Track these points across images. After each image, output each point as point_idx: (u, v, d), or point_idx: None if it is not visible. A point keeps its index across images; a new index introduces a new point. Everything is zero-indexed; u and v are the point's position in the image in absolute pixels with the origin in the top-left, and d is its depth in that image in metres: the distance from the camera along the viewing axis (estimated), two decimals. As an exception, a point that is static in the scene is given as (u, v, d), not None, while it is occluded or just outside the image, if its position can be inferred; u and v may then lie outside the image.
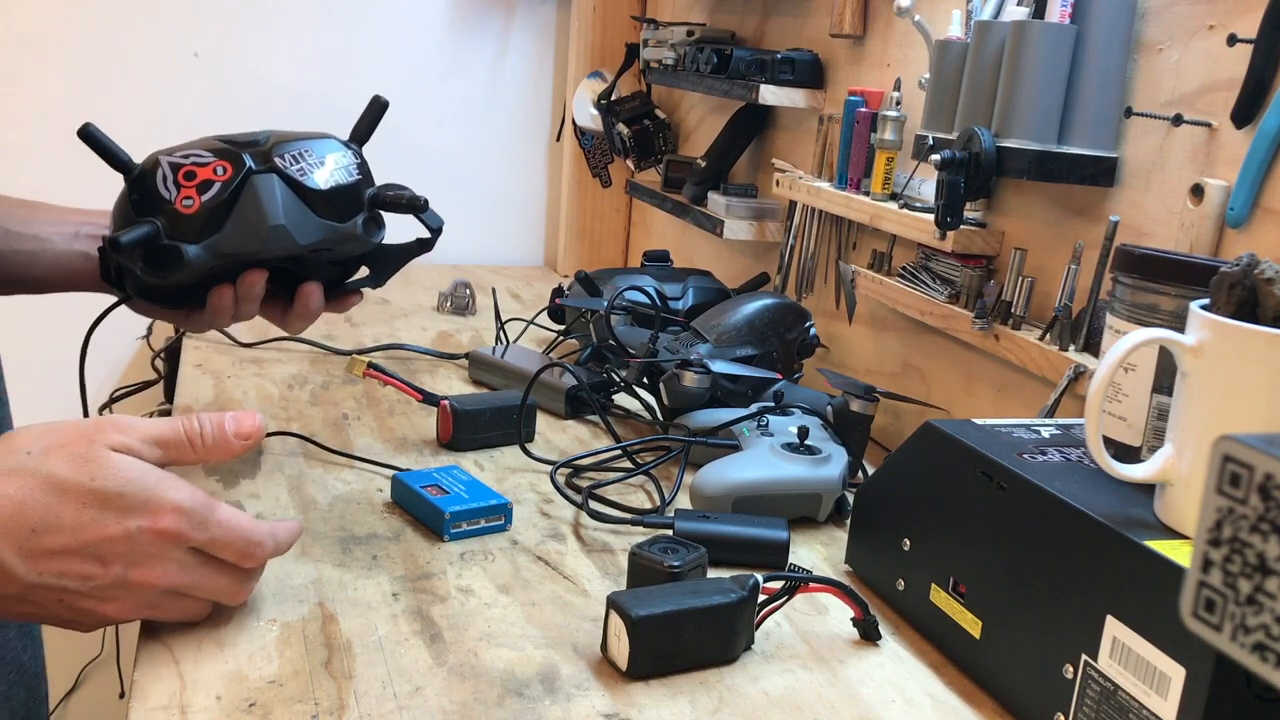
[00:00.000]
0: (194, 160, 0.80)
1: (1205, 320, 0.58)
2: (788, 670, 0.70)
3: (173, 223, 0.79)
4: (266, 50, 1.83)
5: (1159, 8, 0.88)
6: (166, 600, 0.65)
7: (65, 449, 0.60)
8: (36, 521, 0.58)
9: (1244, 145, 0.79)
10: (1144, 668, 0.56)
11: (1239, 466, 0.29)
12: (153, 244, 0.79)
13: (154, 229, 0.79)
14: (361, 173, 0.86)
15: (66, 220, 0.94)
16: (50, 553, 0.59)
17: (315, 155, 0.84)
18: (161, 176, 0.80)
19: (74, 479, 0.59)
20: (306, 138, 0.85)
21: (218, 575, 0.66)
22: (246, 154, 0.82)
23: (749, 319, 1.14)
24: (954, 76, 1.02)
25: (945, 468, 0.73)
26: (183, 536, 0.62)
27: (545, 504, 0.93)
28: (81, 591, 0.61)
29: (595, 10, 1.88)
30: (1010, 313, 0.98)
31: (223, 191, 0.80)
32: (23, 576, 0.59)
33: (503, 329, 1.34)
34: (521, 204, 2.04)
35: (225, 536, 0.64)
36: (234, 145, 0.83)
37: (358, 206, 0.86)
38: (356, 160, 0.87)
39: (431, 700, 0.64)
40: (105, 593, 0.61)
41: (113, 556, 0.60)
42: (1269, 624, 0.29)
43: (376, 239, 0.88)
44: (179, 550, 0.63)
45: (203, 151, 0.81)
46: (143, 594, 0.63)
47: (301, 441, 1.03)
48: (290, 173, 0.82)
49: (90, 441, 0.61)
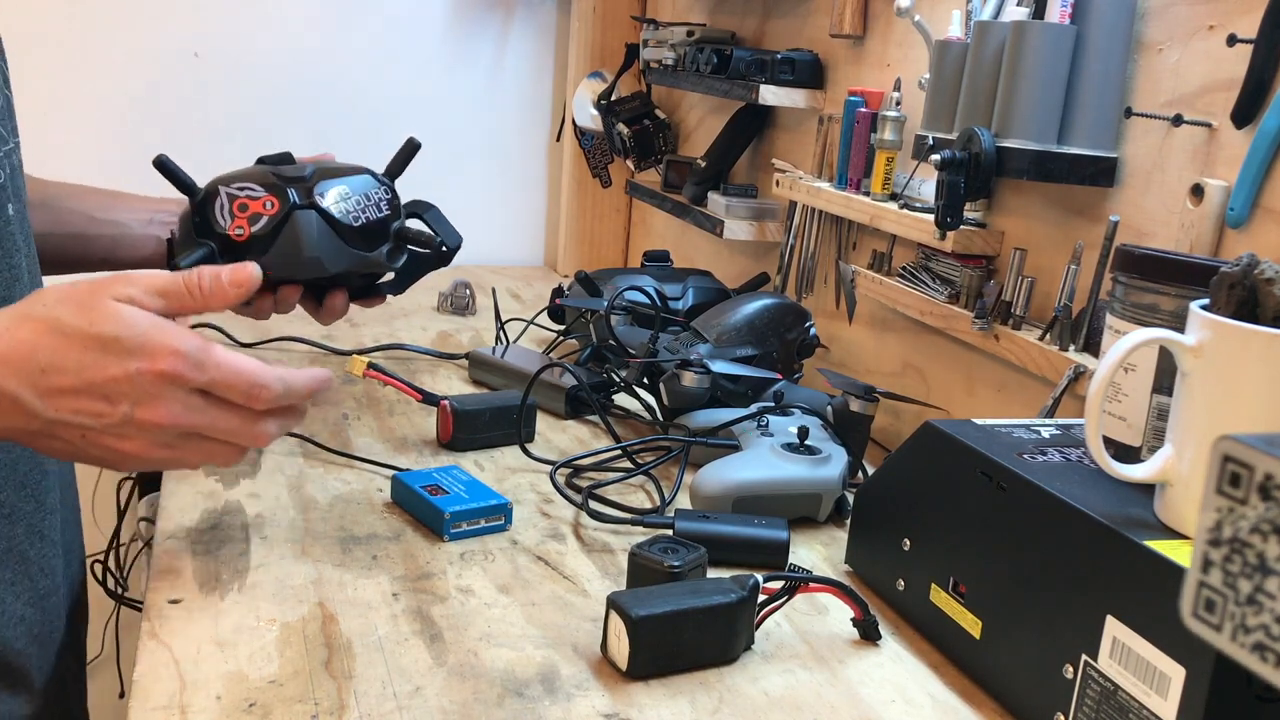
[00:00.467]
0: (247, 194, 0.94)
1: (1205, 320, 0.58)
2: (788, 670, 0.70)
3: (225, 247, 0.92)
4: (267, 50, 1.83)
5: (1159, 8, 0.88)
6: (184, 443, 0.68)
7: (74, 299, 0.66)
8: (45, 362, 0.64)
9: (1244, 145, 0.79)
10: (1144, 668, 0.56)
11: (1239, 466, 0.29)
12: (207, 264, 0.90)
13: (209, 251, 0.92)
14: (391, 207, 1.01)
15: (142, 208, 1.04)
16: (61, 390, 0.65)
17: (351, 192, 0.99)
18: (220, 205, 0.93)
19: (75, 324, 0.65)
20: (346, 174, 1.00)
21: (228, 416, 0.69)
22: (292, 189, 0.96)
23: (749, 319, 1.14)
24: (954, 77, 1.02)
25: (945, 468, 0.73)
26: (181, 377, 0.66)
27: (545, 504, 0.93)
28: (97, 428, 0.66)
29: (595, 10, 1.88)
30: (1010, 313, 0.98)
31: (269, 224, 0.93)
32: (41, 412, 0.65)
33: (503, 329, 1.34)
34: (521, 204, 2.04)
35: (226, 378, 0.68)
36: (282, 180, 0.97)
37: (385, 238, 1.00)
38: (388, 196, 1.01)
39: (431, 700, 0.64)
40: (119, 430, 0.66)
41: (118, 396, 0.65)
42: (1269, 624, 0.29)
43: (398, 264, 1.02)
44: (182, 391, 0.67)
45: (256, 186, 0.95)
46: (155, 433, 0.67)
47: (301, 441, 1.03)
48: (327, 209, 0.96)
49: (96, 293, 0.66)
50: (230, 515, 0.87)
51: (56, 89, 1.73)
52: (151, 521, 0.99)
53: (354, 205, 0.98)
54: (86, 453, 0.68)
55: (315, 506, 0.90)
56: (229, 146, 1.83)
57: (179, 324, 0.68)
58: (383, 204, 1.00)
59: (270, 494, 0.91)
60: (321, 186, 0.97)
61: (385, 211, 1.00)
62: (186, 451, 0.69)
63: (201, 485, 0.92)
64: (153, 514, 1.00)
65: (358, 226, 0.97)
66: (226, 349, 0.69)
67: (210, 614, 0.72)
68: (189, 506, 0.88)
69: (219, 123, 1.83)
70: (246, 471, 0.96)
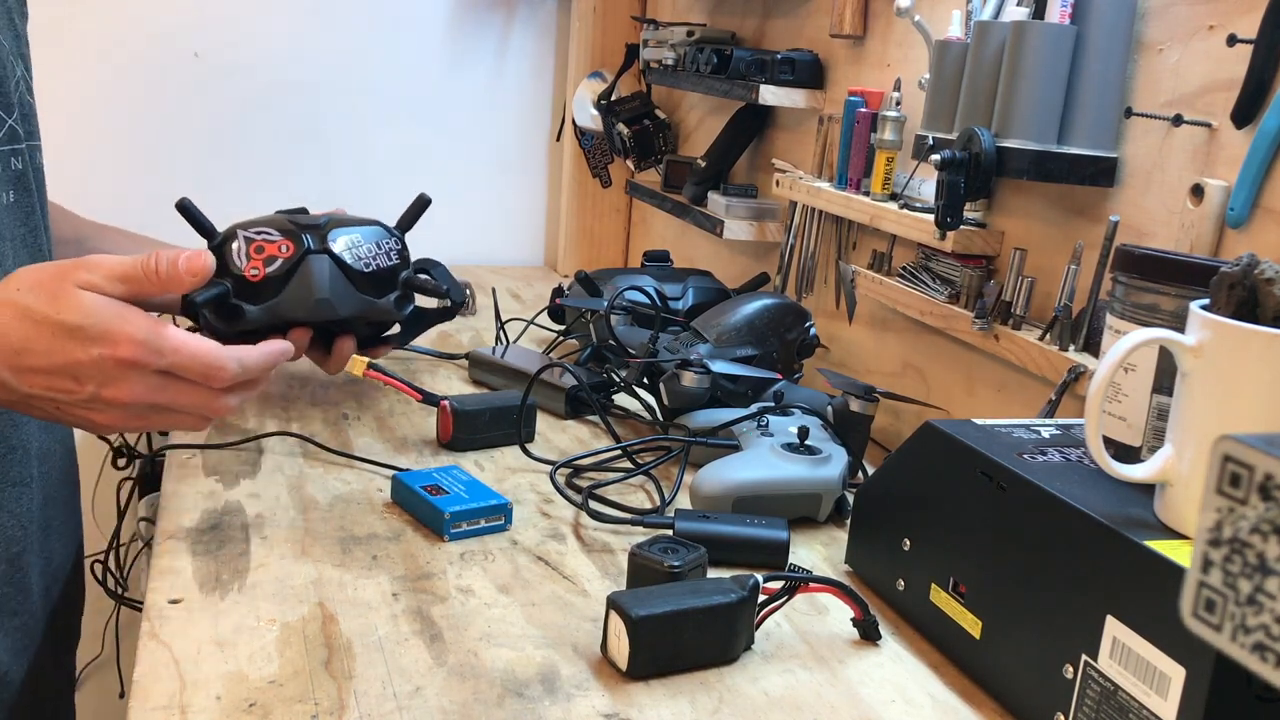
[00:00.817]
0: (264, 238, 0.99)
1: (1205, 320, 0.58)
2: (788, 670, 0.70)
3: (240, 287, 0.97)
4: (266, 50, 1.83)
5: (1159, 8, 0.88)
6: (152, 413, 0.75)
7: (42, 286, 0.71)
8: (18, 344, 0.70)
9: (1244, 145, 0.79)
10: (1144, 668, 0.56)
11: (1239, 466, 0.29)
12: (222, 302, 0.97)
13: (224, 290, 0.96)
14: (400, 257, 1.05)
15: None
16: (34, 370, 0.71)
17: (363, 240, 1.03)
18: (237, 248, 0.98)
19: (43, 311, 0.70)
20: (359, 224, 1.04)
21: (191, 393, 0.75)
22: (307, 235, 1.00)
23: (749, 319, 1.14)
24: (954, 77, 1.02)
25: (945, 468, 0.73)
26: (141, 363, 0.71)
27: (545, 504, 0.93)
28: (69, 403, 0.72)
29: (595, 10, 1.88)
30: (1010, 313, 0.98)
31: (283, 267, 0.98)
32: (16, 388, 0.71)
33: (503, 329, 1.34)
34: (521, 204, 2.04)
35: (183, 361, 0.73)
36: (298, 227, 1.01)
37: (393, 286, 1.04)
38: (397, 246, 1.05)
39: (431, 700, 0.64)
40: (89, 405, 0.72)
41: (85, 377, 0.71)
42: (1269, 624, 0.29)
43: (405, 312, 1.07)
44: (144, 374, 0.72)
45: (272, 231, 1.00)
46: (125, 408, 0.73)
47: (301, 441, 1.03)
48: (340, 255, 1.00)
49: (61, 279, 0.71)
50: (230, 515, 0.87)
51: (56, 89, 1.72)
52: (151, 521, 0.99)
53: (365, 252, 1.02)
54: (64, 419, 0.74)
55: (315, 506, 0.90)
56: (228, 146, 1.83)
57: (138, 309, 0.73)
58: (392, 253, 1.05)
59: (270, 494, 0.91)
60: (334, 234, 1.02)
61: (395, 260, 1.05)
62: (155, 420, 0.76)
63: (201, 485, 0.92)
64: (153, 514, 1.00)
65: (368, 273, 1.02)
66: (184, 333, 0.73)
67: (210, 614, 0.72)
68: (189, 506, 0.88)
69: (219, 122, 1.83)
70: (246, 471, 0.96)
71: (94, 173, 1.74)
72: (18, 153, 0.88)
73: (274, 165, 1.86)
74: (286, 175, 1.86)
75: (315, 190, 1.87)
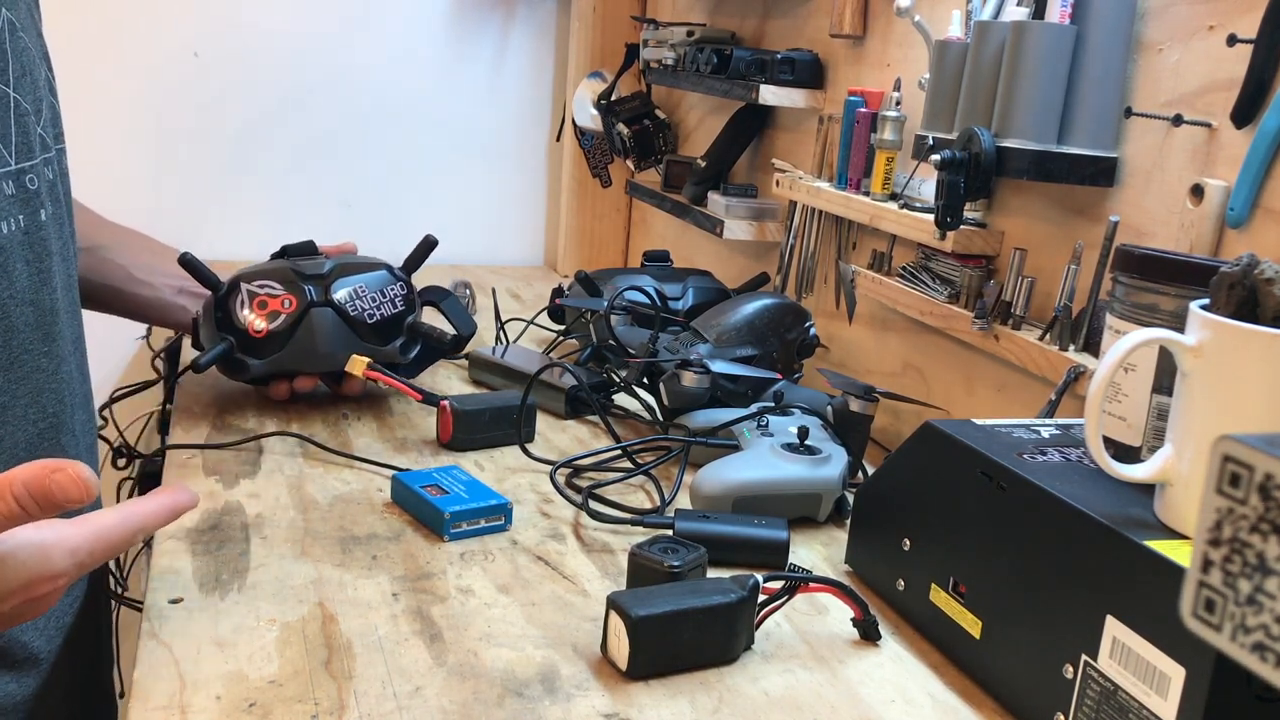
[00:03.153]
0: (267, 291, 1.00)
1: (1205, 320, 0.58)
2: (788, 670, 0.70)
3: (244, 342, 0.98)
4: (266, 50, 1.83)
5: (1159, 8, 0.88)
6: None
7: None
8: None
9: (1244, 145, 0.79)
10: (1144, 668, 0.56)
11: (1239, 466, 0.29)
12: (227, 358, 1.00)
13: (228, 347, 0.98)
14: (405, 302, 1.06)
15: (175, 274, 1.08)
16: None
17: (367, 289, 1.04)
18: (240, 301, 0.99)
19: None
20: (364, 270, 1.04)
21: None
22: (310, 286, 1.01)
23: (749, 319, 1.13)
24: (954, 76, 1.02)
25: (945, 468, 0.73)
26: (50, 599, 0.62)
27: (545, 504, 0.93)
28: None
29: (595, 10, 1.88)
30: (1010, 313, 0.98)
31: (286, 321, 0.99)
32: None
33: (503, 329, 1.34)
34: (521, 204, 2.04)
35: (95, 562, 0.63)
36: (302, 277, 1.01)
37: (398, 332, 1.05)
38: (403, 291, 1.06)
39: (431, 700, 0.64)
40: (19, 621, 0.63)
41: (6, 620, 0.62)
42: (1269, 624, 0.29)
43: (410, 356, 1.07)
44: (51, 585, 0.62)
45: (275, 284, 1.00)
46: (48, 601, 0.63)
47: (301, 441, 1.03)
48: (343, 307, 1.01)
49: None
50: (230, 515, 0.87)
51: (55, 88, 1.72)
52: (151, 521, 0.99)
53: (369, 303, 1.03)
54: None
55: (315, 506, 0.90)
56: (228, 146, 1.83)
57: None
58: (397, 299, 1.05)
59: (270, 494, 0.91)
60: (338, 285, 1.02)
61: (400, 307, 1.05)
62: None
63: (201, 485, 0.92)
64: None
65: (372, 323, 1.03)
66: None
67: (210, 614, 0.72)
68: (189, 506, 0.88)
69: (218, 122, 1.83)
70: (246, 471, 0.96)
71: (93, 173, 1.74)
72: (49, 161, 0.87)
73: (274, 166, 1.86)
74: (287, 175, 1.86)
75: (315, 190, 1.87)
